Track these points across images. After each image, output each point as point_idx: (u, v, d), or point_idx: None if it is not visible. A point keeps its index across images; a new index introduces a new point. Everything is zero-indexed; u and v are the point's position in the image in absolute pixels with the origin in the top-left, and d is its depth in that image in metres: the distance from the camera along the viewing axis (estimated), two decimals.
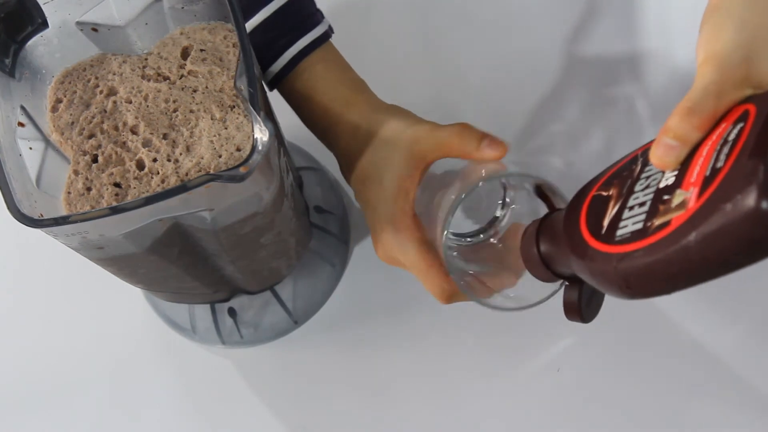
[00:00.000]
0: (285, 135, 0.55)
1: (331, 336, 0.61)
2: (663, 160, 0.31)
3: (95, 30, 0.44)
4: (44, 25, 0.43)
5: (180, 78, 0.44)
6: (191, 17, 0.45)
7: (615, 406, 0.56)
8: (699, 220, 0.28)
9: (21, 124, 0.42)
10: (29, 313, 0.63)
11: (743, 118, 0.29)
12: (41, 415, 0.60)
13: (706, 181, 0.28)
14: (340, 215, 0.64)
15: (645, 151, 0.35)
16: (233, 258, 0.47)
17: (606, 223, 0.34)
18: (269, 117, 0.43)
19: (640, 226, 0.31)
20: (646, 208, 0.32)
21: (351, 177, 0.49)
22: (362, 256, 0.63)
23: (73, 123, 0.43)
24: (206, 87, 0.43)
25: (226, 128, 0.42)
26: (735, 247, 0.27)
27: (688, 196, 0.29)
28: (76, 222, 0.35)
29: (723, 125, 0.30)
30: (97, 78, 0.44)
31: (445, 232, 0.41)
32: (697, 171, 0.29)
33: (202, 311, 0.60)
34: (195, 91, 0.43)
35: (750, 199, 0.25)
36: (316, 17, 0.51)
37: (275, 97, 0.53)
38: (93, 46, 0.45)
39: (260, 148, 0.36)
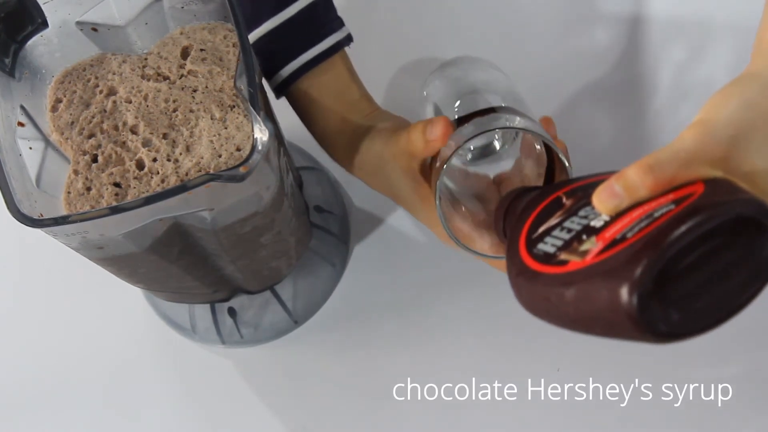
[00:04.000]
0: (285, 135, 0.55)
1: (331, 336, 0.61)
2: (603, 203, 0.31)
3: (95, 30, 0.44)
4: (44, 24, 0.43)
5: (180, 78, 0.44)
6: (191, 17, 0.45)
7: (615, 406, 0.56)
8: (581, 277, 0.29)
9: (21, 124, 0.42)
10: (29, 313, 0.63)
11: (684, 199, 0.29)
12: (41, 415, 0.60)
13: (611, 245, 0.29)
14: (340, 215, 0.64)
15: None
16: (233, 258, 0.47)
17: (540, 231, 0.34)
18: (269, 117, 0.43)
19: (552, 250, 0.32)
20: (567, 237, 0.32)
21: (356, 169, 0.51)
22: (362, 256, 0.63)
23: (73, 123, 0.43)
24: (206, 87, 0.43)
25: (226, 128, 0.42)
26: (595, 320, 0.28)
27: (593, 248, 0.30)
28: (76, 222, 0.35)
29: (670, 195, 0.30)
30: (97, 78, 0.44)
31: (441, 179, 0.42)
32: (615, 229, 0.30)
33: (202, 311, 0.60)
34: (195, 90, 0.43)
35: (618, 290, 0.27)
36: (327, 28, 0.51)
37: (274, 98, 0.53)
38: (93, 46, 0.45)
39: (260, 147, 0.36)
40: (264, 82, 0.51)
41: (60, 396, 0.60)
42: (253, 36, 0.49)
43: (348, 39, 0.52)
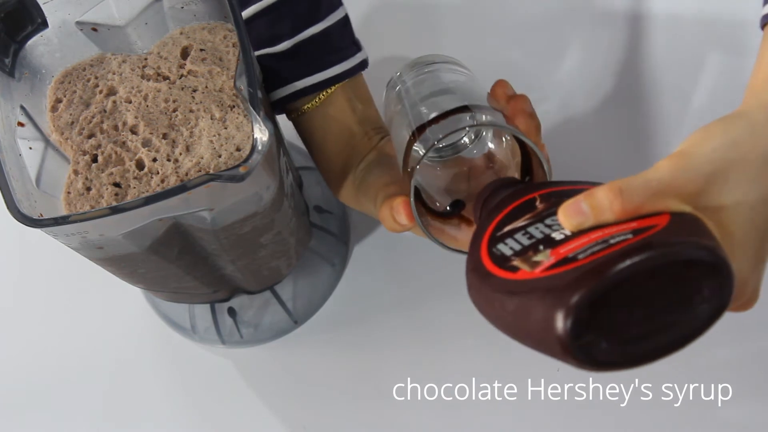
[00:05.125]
0: (285, 135, 0.55)
1: (331, 336, 0.61)
2: (567, 219, 0.31)
3: (95, 30, 0.44)
4: (44, 24, 0.43)
5: (180, 78, 0.44)
6: (191, 17, 0.45)
7: (615, 406, 0.56)
8: (525, 289, 0.30)
9: (21, 124, 0.42)
10: (29, 313, 0.63)
11: (645, 230, 0.29)
12: (41, 415, 0.60)
13: (561, 262, 0.29)
14: (340, 215, 0.64)
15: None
16: (233, 258, 0.47)
17: (505, 230, 0.35)
18: (269, 117, 0.43)
19: (508, 253, 0.32)
20: (526, 243, 0.32)
21: (343, 194, 0.52)
22: (362, 256, 0.63)
23: (72, 123, 0.43)
24: (206, 87, 0.43)
25: (225, 128, 0.42)
26: (529, 334, 0.29)
27: (545, 262, 0.30)
28: (75, 222, 0.35)
29: (633, 223, 0.30)
30: (96, 78, 0.44)
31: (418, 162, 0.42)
32: (570, 247, 0.30)
33: (202, 311, 0.60)
34: (195, 90, 0.43)
35: (554, 312, 0.27)
36: (325, 61, 0.50)
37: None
38: (93, 46, 0.45)
39: (260, 147, 0.36)
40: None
41: (60, 396, 0.60)
42: (264, 51, 0.50)
43: (361, 65, 0.52)
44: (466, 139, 0.49)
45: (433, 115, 0.43)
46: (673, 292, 0.28)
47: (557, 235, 0.31)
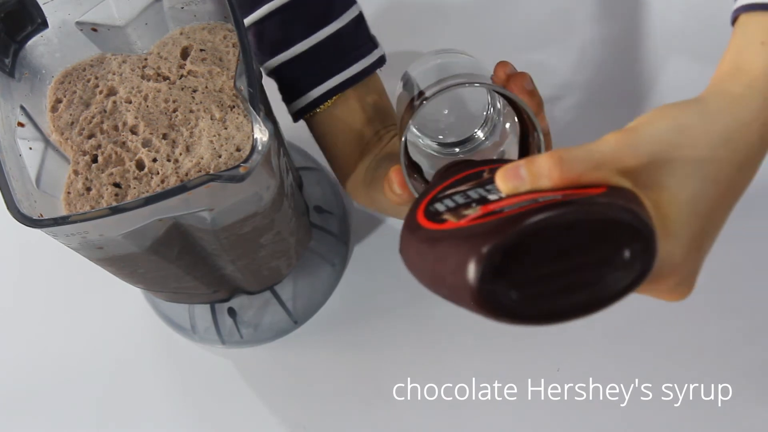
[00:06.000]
0: (285, 135, 0.55)
1: (331, 336, 0.61)
2: (504, 182, 0.31)
3: (95, 30, 0.44)
4: (44, 24, 0.43)
5: (180, 78, 0.44)
6: (191, 17, 0.45)
7: (615, 406, 0.56)
8: (445, 236, 0.30)
9: (21, 124, 0.42)
10: (29, 313, 0.63)
11: (577, 195, 0.29)
12: (41, 415, 0.60)
13: (487, 215, 0.29)
14: (340, 215, 0.64)
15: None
16: (233, 258, 0.47)
17: (445, 194, 0.35)
18: (269, 117, 0.43)
19: (441, 209, 0.32)
20: (461, 201, 0.32)
21: (357, 193, 0.52)
22: (362, 256, 0.63)
23: (72, 123, 0.43)
24: (206, 87, 0.43)
25: (225, 128, 0.42)
26: (443, 281, 0.29)
27: (472, 214, 0.30)
28: (75, 222, 0.35)
29: (568, 191, 0.29)
30: (96, 78, 0.44)
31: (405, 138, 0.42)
32: (500, 204, 0.30)
33: (202, 311, 0.60)
34: (195, 91, 0.43)
35: (467, 257, 0.27)
36: (355, 54, 0.50)
37: (274, 98, 0.53)
38: (93, 46, 0.45)
39: (260, 148, 0.36)
40: (265, 83, 0.51)
41: (60, 396, 0.60)
42: (278, 59, 0.50)
43: (379, 62, 0.51)
44: (480, 134, 0.49)
45: (432, 82, 0.43)
46: (593, 253, 0.28)
47: (492, 196, 0.31)
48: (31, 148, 0.41)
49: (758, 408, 0.56)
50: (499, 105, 0.48)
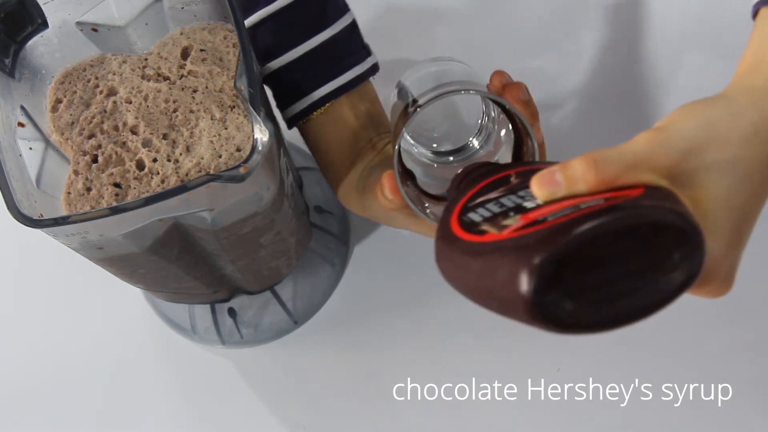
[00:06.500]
0: (285, 135, 0.55)
1: (331, 336, 0.61)
2: (540, 188, 0.31)
3: (95, 30, 0.44)
4: (44, 25, 0.43)
5: (180, 78, 0.44)
6: (191, 17, 0.45)
7: (615, 406, 0.56)
8: (490, 249, 0.29)
9: (21, 124, 0.42)
10: (29, 313, 0.63)
11: (617, 199, 0.28)
12: (41, 415, 0.60)
13: (530, 224, 0.28)
14: (340, 215, 0.64)
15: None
16: (233, 258, 0.47)
17: (477, 201, 0.34)
18: (269, 117, 0.43)
19: (478, 220, 0.32)
20: (497, 210, 0.32)
21: (349, 200, 0.52)
22: (362, 256, 0.63)
23: (73, 123, 0.43)
24: (206, 87, 0.43)
25: (226, 128, 0.42)
26: (493, 294, 0.28)
27: (513, 225, 0.29)
28: (76, 222, 0.35)
29: (607, 194, 0.29)
30: (97, 78, 0.44)
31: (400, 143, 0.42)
32: (541, 212, 0.29)
33: (202, 311, 0.60)
34: (195, 91, 0.43)
35: (518, 269, 0.26)
36: (349, 60, 0.50)
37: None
38: (93, 46, 0.45)
39: (260, 148, 0.36)
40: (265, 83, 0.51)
41: (60, 396, 0.60)
42: (271, 66, 0.49)
43: (372, 69, 0.51)
44: (475, 143, 0.49)
45: (426, 90, 0.43)
46: (643, 257, 0.28)
47: (529, 204, 0.31)
48: (31, 149, 0.41)
49: (758, 408, 0.56)
50: (493, 113, 0.48)
